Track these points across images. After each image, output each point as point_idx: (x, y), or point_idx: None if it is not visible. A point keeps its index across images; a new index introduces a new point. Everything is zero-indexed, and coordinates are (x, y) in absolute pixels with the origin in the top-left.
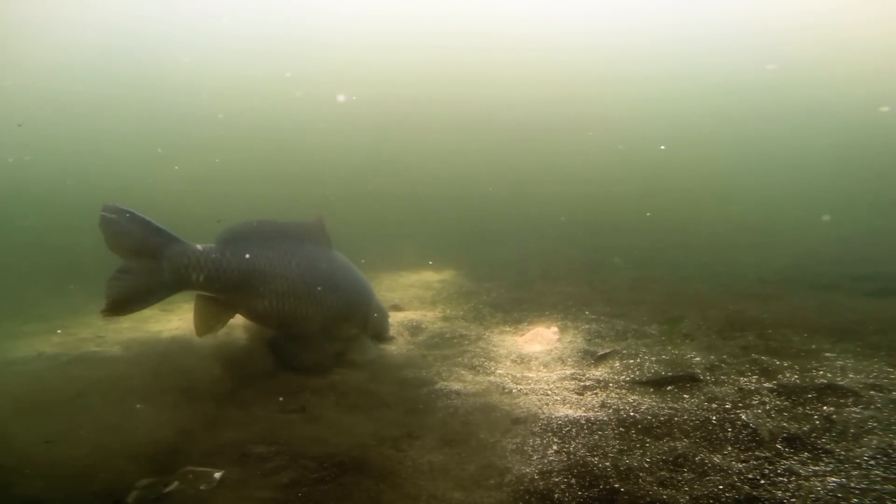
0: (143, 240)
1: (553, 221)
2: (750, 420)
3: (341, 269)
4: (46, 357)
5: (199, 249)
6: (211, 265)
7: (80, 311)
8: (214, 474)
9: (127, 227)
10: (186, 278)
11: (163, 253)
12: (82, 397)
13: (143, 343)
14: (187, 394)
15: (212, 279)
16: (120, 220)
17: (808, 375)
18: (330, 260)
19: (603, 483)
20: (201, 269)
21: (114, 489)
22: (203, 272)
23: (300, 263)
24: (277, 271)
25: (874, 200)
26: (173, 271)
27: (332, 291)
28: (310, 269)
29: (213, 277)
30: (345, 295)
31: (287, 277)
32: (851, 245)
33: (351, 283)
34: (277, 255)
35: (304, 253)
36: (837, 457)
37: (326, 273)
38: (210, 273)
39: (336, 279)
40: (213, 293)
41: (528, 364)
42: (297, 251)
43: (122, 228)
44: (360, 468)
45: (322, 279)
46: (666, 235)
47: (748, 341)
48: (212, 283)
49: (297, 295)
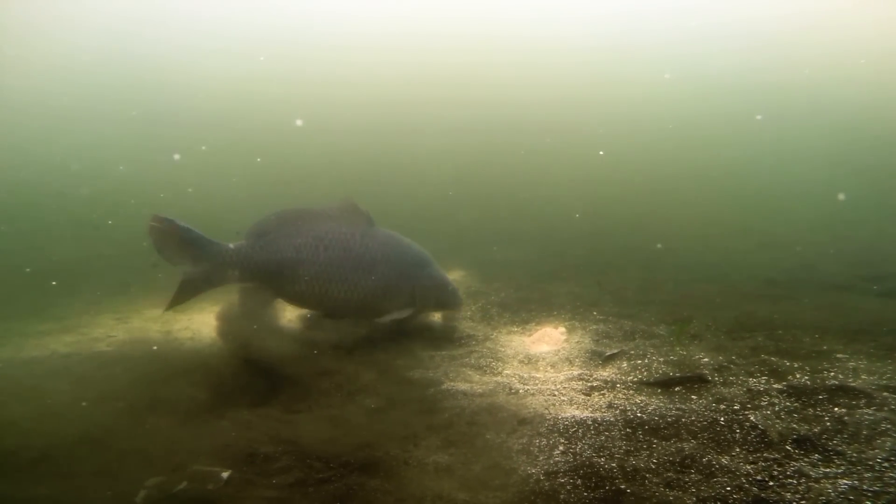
0: (186, 245)
1: (562, 222)
2: (759, 421)
3: (380, 247)
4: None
5: (232, 248)
6: (244, 261)
7: (90, 311)
8: (222, 474)
9: (172, 235)
10: (224, 274)
11: (203, 255)
12: (92, 398)
13: (153, 343)
14: (193, 394)
15: (246, 273)
16: (166, 228)
17: (818, 377)
18: (366, 239)
19: (609, 484)
20: (235, 265)
21: (123, 489)
22: (237, 268)
23: (328, 247)
24: (304, 257)
25: (885, 200)
26: (214, 270)
27: (365, 271)
28: (340, 253)
29: (247, 271)
30: (383, 273)
31: (315, 262)
32: (862, 245)
33: (391, 260)
34: (305, 242)
35: (334, 237)
36: (849, 459)
37: (359, 254)
38: (244, 268)
39: (372, 259)
40: (251, 284)
41: (536, 364)
42: (326, 236)
43: (168, 236)
44: (366, 468)
45: (354, 260)
46: (675, 236)
47: (757, 342)
48: (247, 276)
49: (326, 278)
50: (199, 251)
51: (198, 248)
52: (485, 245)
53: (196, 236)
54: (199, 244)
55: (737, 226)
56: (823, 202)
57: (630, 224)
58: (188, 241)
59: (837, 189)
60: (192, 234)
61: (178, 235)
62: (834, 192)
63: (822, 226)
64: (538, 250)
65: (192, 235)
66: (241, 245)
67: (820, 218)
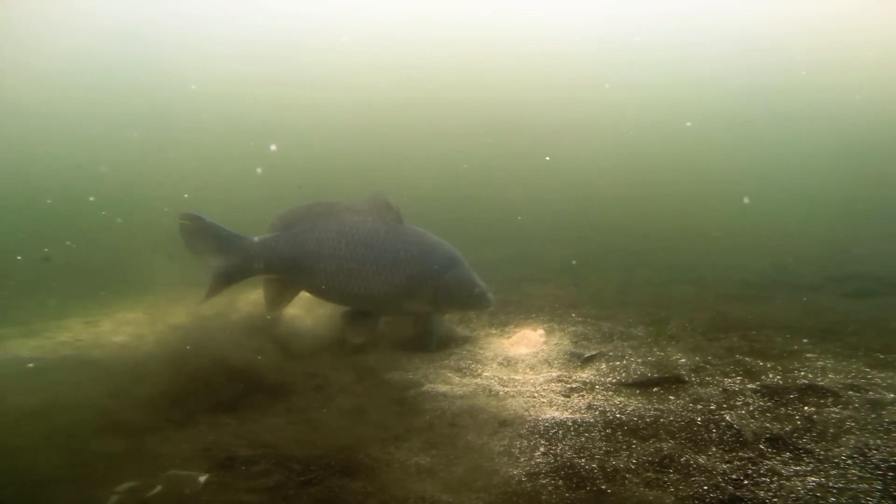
0: (214, 239)
1: (540, 224)
2: (734, 421)
3: (404, 244)
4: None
5: (257, 241)
6: (268, 253)
7: (58, 315)
8: (199, 478)
9: (201, 231)
10: (250, 266)
11: (230, 248)
12: (59, 405)
13: (126, 347)
14: (169, 397)
15: (270, 265)
16: (195, 225)
17: (790, 376)
18: (390, 236)
19: (590, 484)
20: (260, 257)
21: (93, 495)
22: (262, 260)
23: (350, 242)
24: (326, 251)
25: (856, 204)
26: (240, 262)
27: (386, 268)
28: (361, 248)
29: (271, 263)
30: (404, 271)
31: (335, 257)
32: (832, 247)
33: (414, 258)
34: (327, 236)
35: (358, 231)
36: (817, 457)
37: (381, 250)
38: (268, 260)
39: (394, 256)
40: (275, 275)
41: (515, 366)
42: (350, 231)
43: (197, 232)
44: (347, 470)
45: (375, 257)
46: (652, 238)
47: (733, 343)
48: (271, 267)
49: (347, 273)
50: (226, 244)
51: (225, 241)
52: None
53: (222, 230)
54: (226, 238)
55: (713, 228)
56: (797, 205)
57: (608, 226)
58: (215, 235)
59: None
60: (219, 228)
61: (207, 230)
62: (807, 196)
63: (794, 228)
64: (516, 252)
65: (219, 230)
66: (266, 237)
67: (793, 220)
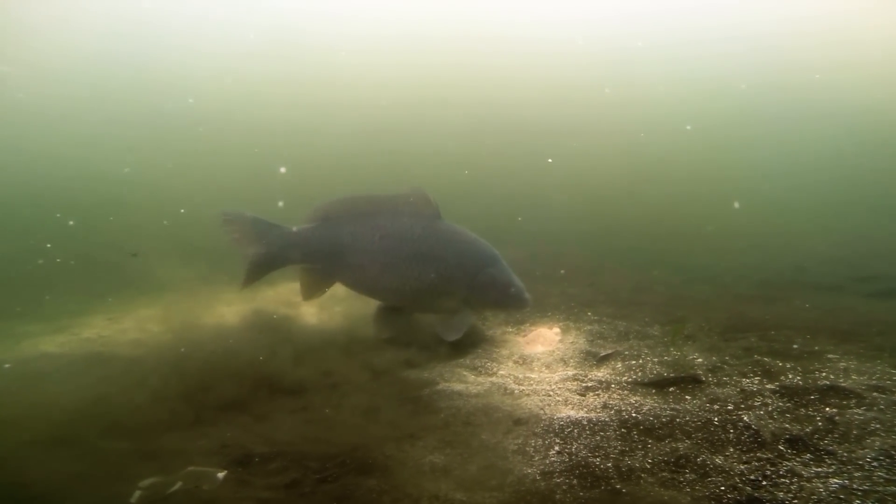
0: (255, 231)
1: (556, 223)
2: (752, 421)
3: (438, 241)
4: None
5: (294, 231)
6: (304, 243)
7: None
8: (217, 474)
9: (242, 224)
10: (288, 255)
11: (269, 238)
12: (87, 400)
13: (142, 344)
14: (185, 394)
15: (306, 254)
16: (237, 219)
17: (810, 377)
18: (425, 232)
19: (605, 484)
20: (297, 246)
21: (118, 490)
22: (299, 249)
23: (384, 237)
24: (359, 245)
25: (877, 203)
26: (276, 251)
27: (419, 264)
28: (395, 243)
29: (307, 253)
30: (437, 268)
31: (368, 251)
32: (854, 247)
33: (448, 255)
34: (362, 229)
35: (392, 226)
36: (840, 458)
37: (414, 246)
38: (304, 249)
39: (427, 252)
40: (312, 265)
41: (531, 365)
42: (384, 225)
43: (239, 226)
44: (362, 468)
45: (408, 252)
46: (668, 237)
47: (750, 343)
48: (307, 257)
49: (379, 267)
50: (265, 233)
51: (264, 231)
52: None
53: (263, 221)
54: (265, 228)
55: (730, 227)
56: (815, 204)
57: (624, 225)
58: (255, 227)
59: (830, 191)
60: (260, 220)
61: (248, 224)
62: (826, 194)
63: (813, 227)
64: (531, 251)
65: (257, 220)
66: (303, 228)
67: (812, 219)
